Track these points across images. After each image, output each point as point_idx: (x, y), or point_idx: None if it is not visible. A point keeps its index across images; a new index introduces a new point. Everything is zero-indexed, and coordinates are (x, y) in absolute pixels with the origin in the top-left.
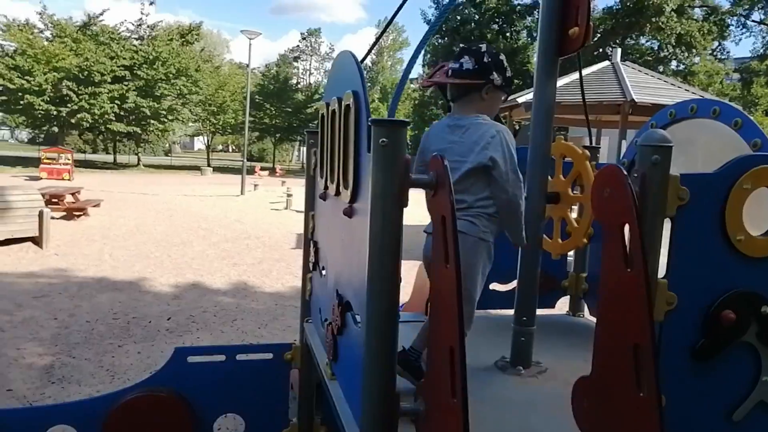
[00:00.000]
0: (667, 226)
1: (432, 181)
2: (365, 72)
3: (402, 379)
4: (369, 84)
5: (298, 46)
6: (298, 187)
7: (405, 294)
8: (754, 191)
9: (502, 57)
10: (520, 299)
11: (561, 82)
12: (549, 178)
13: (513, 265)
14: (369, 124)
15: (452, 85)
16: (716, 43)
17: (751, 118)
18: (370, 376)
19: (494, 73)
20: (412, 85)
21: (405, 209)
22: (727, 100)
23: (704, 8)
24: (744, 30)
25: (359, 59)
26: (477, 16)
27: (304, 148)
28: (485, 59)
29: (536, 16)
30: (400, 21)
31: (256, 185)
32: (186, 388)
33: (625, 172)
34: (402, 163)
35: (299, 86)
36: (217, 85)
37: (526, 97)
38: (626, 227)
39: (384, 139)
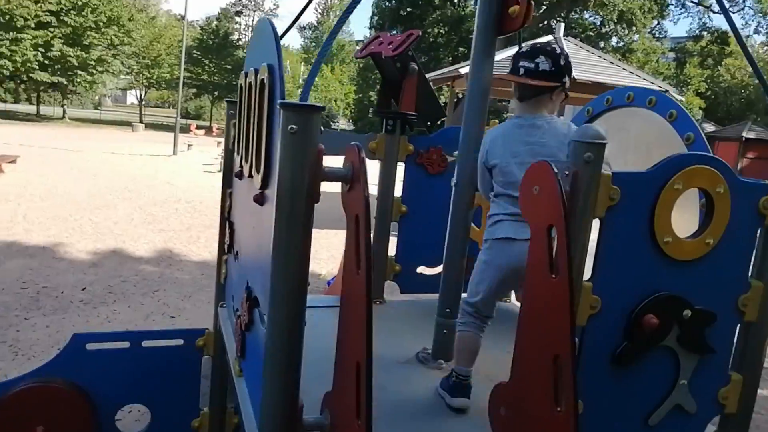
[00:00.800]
0: (595, 225)
1: (347, 175)
2: (310, 32)
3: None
4: (313, 44)
5: (239, 0)
6: None
7: (324, 262)
8: (684, 192)
9: (571, 59)
10: (444, 290)
11: (504, 54)
12: None
13: (442, 249)
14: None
15: (525, 84)
16: (655, 22)
17: (686, 110)
18: (270, 386)
19: (566, 76)
20: (357, 47)
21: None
22: (662, 79)
23: None
24: (682, 10)
25: (283, 30)
26: None
27: None
28: (561, 61)
29: None
30: None
31: (190, 145)
32: (84, 378)
33: (555, 170)
34: (313, 153)
35: (240, 43)
36: (152, 36)
37: (468, 68)
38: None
39: (293, 126)
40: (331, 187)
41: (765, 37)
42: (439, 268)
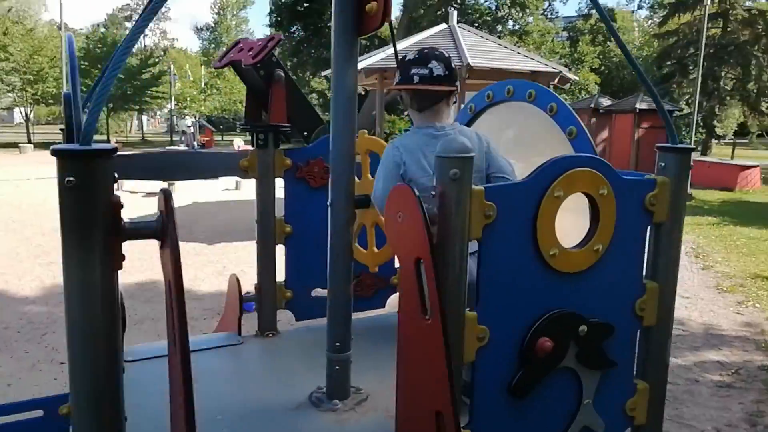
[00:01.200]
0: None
1: (157, 228)
2: (207, 33)
3: None
4: (213, 46)
5: (128, 4)
6: None
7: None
8: (566, 198)
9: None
10: (332, 323)
11: (402, 45)
12: (356, 179)
13: None
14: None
15: (423, 92)
16: (547, 3)
17: (567, 103)
18: None
19: (457, 78)
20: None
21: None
22: (558, 58)
23: None
24: None
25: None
26: None
27: (145, 117)
28: (452, 64)
29: None
30: None
31: None
32: None
33: (417, 193)
34: (107, 207)
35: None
36: (32, 50)
37: (366, 62)
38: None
39: (70, 178)
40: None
41: (647, 11)
42: None
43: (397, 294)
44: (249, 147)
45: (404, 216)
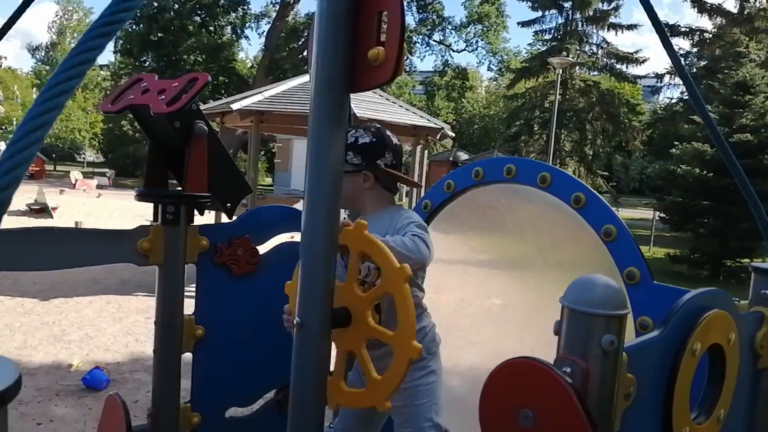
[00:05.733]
0: None
1: None
2: (43, 53)
3: None
4: (47, 68)
5: None
6: None
7: (76, 345)
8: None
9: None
10: None
11: (275, 90)
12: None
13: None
14: None
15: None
16: (405, 58)
17: (599, 195)
18: None
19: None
20: (101, 72)
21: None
22: (416, 109)
23: None
24: (427, 48)
25: None
26: (176, 5)
27: None
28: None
29: (241, 12)
30: (87, 1)
31: None
32: None
33: (568, 380)
34: None
35: None
36: None
37: (240, 103)
38: None
39: None
40: None
41: (495, 73)
42: (256, 405)
43: None
44: (90, 182)
45: (538, 419)
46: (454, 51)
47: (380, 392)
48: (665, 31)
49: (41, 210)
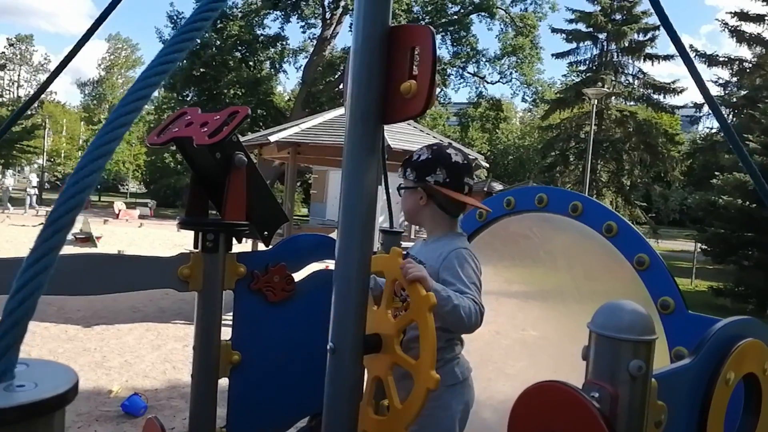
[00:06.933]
0: None
1: None
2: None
3: None
4: (95, 102)
5: (3, 53)
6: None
7: (116, 371)
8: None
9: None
10: None
11: (311, 123)
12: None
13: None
14: None
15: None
16: (439, 90)
17: (630, 224)
18: None
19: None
20: (146, 106)
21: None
22: (449, 140)
23: None
24: (461, 80)
25: None
26: (218, 42)
27: (10, 172)
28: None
29: (280, 47)
30: (134, 38)
31: None
32: None
33: (596, 405)
34: None
35: (4, 99)
36: None
37: (278, 135)
38: None
39: None
40: None
41: (529, 104)
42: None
43: None
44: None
45: None
46: (488, 83)
47: (401, 421)
48: (693, 63)
49: (86, 239)
